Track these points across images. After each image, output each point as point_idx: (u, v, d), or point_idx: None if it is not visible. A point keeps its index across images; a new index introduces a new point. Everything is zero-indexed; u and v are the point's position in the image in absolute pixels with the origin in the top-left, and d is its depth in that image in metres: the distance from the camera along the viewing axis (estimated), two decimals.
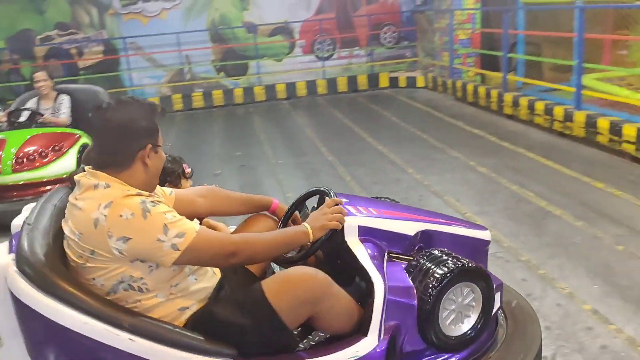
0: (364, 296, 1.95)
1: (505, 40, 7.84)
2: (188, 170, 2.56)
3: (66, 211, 1.77)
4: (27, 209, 1.97)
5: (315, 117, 8.95)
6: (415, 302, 1.93)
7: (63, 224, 1.76)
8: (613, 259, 3.52)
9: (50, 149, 4.91)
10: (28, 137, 4.98)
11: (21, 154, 4.82)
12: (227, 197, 2.22)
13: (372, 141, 6.92)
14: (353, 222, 2.03)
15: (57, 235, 1.78)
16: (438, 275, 1.94)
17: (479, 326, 2.05)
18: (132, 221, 1.63)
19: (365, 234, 2.07)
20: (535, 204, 4.49)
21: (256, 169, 6.16)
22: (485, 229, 2.41)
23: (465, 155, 5.95)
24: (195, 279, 1.84)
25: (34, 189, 4.73)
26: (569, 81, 6.93)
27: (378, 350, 1.84)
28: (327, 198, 2.07)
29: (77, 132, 5.22)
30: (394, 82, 10.85)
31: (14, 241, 1.82)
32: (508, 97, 7.66)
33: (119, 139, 1.73)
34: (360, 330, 1.88)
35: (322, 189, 2.18)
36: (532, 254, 3.64)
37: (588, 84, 6.72)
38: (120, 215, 1.63)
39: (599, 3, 6.77)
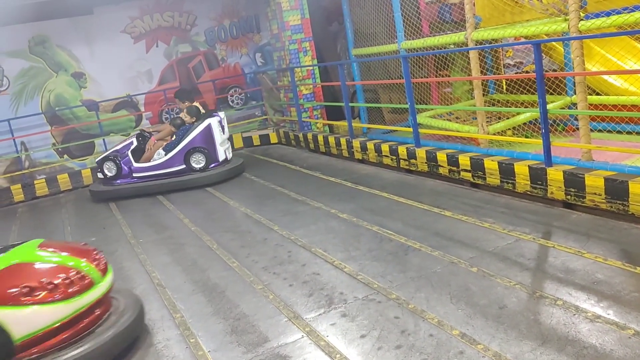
0: None
1: (344, 90, 8.32)
2: None
3: None
4: None
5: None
6: None
7: None
8: (470, 281, 3.79)
9: None
10: None
11: None
12: None
13: (234, 204, 6.87)
14: None
15: None
16: None
17: None
18: None
19: None
20: (396, 241, 4.72)
21: (115, 252, 5.77)
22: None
23: (326, 204, 6.13)
24: None
25: None
26: (407, 121, 7.53)
27: None
28: None
29: None
30: (247, 141, 10.99)
31: None
32: (356, 143, 8.10)
33: None
34: None
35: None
36: (401, 291, 3.80)
37: (423, 122, 7.35)
38: None
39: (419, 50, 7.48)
